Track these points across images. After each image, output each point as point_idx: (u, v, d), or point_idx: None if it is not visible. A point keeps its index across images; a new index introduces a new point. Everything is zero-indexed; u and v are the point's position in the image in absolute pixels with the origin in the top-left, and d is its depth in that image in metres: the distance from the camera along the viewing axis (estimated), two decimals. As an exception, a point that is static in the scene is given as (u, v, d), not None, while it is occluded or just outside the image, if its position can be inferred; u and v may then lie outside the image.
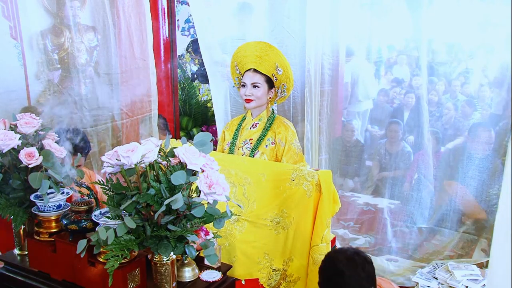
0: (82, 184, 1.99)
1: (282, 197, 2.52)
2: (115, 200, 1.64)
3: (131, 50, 4.00)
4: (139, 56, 4.02)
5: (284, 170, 2.53)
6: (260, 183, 2.57)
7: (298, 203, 2.49)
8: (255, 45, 2.71)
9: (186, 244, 1.66)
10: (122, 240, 1.57)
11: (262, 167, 2.61)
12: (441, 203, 3.67)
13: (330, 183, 2.46)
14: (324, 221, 2.45)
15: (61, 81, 3.71)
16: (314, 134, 3.69)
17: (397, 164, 4.13)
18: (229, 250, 2.60)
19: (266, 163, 2.66)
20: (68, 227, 1.85)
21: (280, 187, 2.52)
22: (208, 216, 1.65)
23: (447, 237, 3.62)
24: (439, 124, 3.93)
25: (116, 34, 3.91)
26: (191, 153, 1.60)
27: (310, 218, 2.48)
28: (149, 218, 1.61)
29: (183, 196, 1.54)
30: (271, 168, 2.60)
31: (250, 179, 2.59)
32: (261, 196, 2.57)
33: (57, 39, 3.69)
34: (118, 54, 3.97)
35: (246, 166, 2.61)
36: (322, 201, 2.44)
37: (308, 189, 2.45)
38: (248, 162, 2.64)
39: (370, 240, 3.86)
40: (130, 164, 1.54)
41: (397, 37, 3.99)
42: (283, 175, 2.51)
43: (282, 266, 2.57)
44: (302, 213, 2.49)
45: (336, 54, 3.67)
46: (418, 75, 4.04)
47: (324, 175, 2.44)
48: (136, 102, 3.96)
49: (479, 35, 3.41)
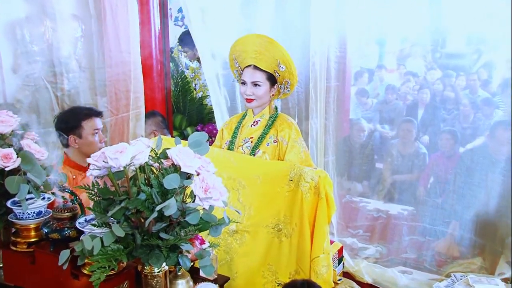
0: (66, 189, 1.99)
1: (281, 201, 2.51)
2: (102, 206, 1.63)
3: (117, 42, 4.00)
4: (125, 49, 4.01)
5: (282, 169, 2.52)
6: (255, 186, 2.56)
7: (299, 208, 2.48)
8: (255, 39, 2.71)
9: (179, 254, 1.66)
10: (110, 250, 1.56)
11: (256, 166, 2.61)
12: (460, 209, 3.66)
13: (331, 188, 2.45)
14: (324, 229, 2.45)
15: (41, 75, 3.70)
16: (319, 134, 3.69)
17: (411, 166, 4.12)
18: (230, 266, 2.60)
19: (259, 162, 2.66)
20: (49, 236, 1.85)
21: (278, 188, 2.51)
22: (204, 223, 1.64)
23: (467, 247, 3.61)
24: (457, 123, 3.92)
25: (101, 24, 3.91)
26: (185, 155, 1.60)
27: (308, 225, 2.47)
28: (139, 225, 1.61)
29: (176, 201, 1.54)
30: (267, 167, 2.60)
31: (244, 182, 2.58)
32: (258, 201, 2.57)
33: (37, 28, 3.68)
34: (102, 46, 3.96)
35: (238, 168, 2.60)
36: (321, 207, 2.43)
37: (305, 191, 2.44)
38: (239, 162, 2.63)
39: (382, 250, 3.85)
40: (119, 166, 1.54)
41: (411, 27, 3.98)
42: (280, 175, 2.50)
43: (288, 279, 2.56)
44: (303, 219, 2.48)
45: (343, 46, 3.67)
46: (434, 68, 4.04)
47: (325, 179, 2.43)
48: (121, 99, 3.96)
49: (504, 24, 3.38)
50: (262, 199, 2.56)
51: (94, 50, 3.95)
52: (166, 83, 4.43)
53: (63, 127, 3.03)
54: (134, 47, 4.02)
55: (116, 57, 4.00)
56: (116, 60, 4.02)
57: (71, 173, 3.00)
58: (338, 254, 2.83)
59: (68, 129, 3.01)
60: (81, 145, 3.03)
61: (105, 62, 4.01)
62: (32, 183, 1.94)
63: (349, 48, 3.72)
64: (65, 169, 3.00)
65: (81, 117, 3.04)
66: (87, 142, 3.02)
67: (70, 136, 3.01)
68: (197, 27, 3.75)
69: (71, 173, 3.01)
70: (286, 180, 2.48)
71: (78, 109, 3.21)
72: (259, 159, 2.68)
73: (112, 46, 3.99)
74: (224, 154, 2.72)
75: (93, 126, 3.04)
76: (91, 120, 3.05)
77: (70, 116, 3.08)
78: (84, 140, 3.02)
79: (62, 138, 3.01)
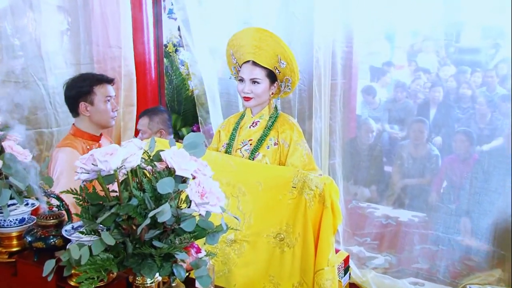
0: (51, 194, 1.98)
1: (283, 209, 2.51)
2: (91, 212, 1.63)
3: (106, 36, 4.00)
4: (114, 43, 4.02)
5: (284, 175, 2.51)
6: (256, 193, 2.55)
7: (303, 216, 2.47)
8: (253, 33, 2.71)
9: (174, 264, 1.66)
10: (99, 260, 1.56)
11: (257, 172, 2.60)
12: (477, 217, 3.65)
13: (337, 196, 2.45)
14: (330, 240, 2.45)
15: (24, 72, 3.70)
16: (323, 135, 3.70)
17: (422, 170, 4.12)
18: (228, 278, 2.59)
19: (261, 167, 2.65)
20: (33, 245, 1.85)
21: (280, 196, 2.50)
22: (200, 231, 1.64)
23: (484, 257, 3.61)
24: (473, 123, 3.91)
25: (88, 16, 3.91)
26: (180, 157, 1.60)
27: (312, 235, 2.46)
28: (130, 233, 1.61)
29: (170, 207, 1.53)
30: (268, 173, 2.59)
31: (244, 189, 2.57)
32: (259, 209, 2.56)
33: (19, 20, 3.68)
34: (90, 41, 3.97)
35: (238, 173, 2.60)
36: (326, 216, 2.42)
37: (309, 199, 2.43)
38: (239, 166, 2.63)
39: (391, 259, 3.85)
40: (109, 170, 1.53)
41: (423, 19, 3.97)
42: (283, 182, 2.50)
43: None
44: (306, 228, 2.48)
45: (350, 41, 3.67)
46: (447, 64, 4.03)
47: (330, 186, 2.42)
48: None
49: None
50: (263, 207, 2.55)
51: (81, 44, 3.95)
52: (160, 80, 4.43)
53: (73, 94, 3.06)
54: (126, 42, 4.02)
55: (105, 52, 4.01)
56: (105, 56, 4.03)
57: (84, 144, 3.04)
58: (344, 264, 2.82)
59: (79, 96, 3.05)
60: (93, 112, 3.06)
61: (93, 58, 4.01)
62: (14, 188, 1.93)
63: (356, 42, 3.72)
64: (77, 141, 3.03)
65: (93, 82, 3.07)
66: (100, 110, 3.07)
67: (81, 103, 3.04)
68: (194, 20, 3.75)
69: (84, 144, 3.04)
70: (289, 187, 2.47)
71: (89, 75, 3.23)
72: (261, 164, 2.67)
73: (100, 40, 3.99)
74: (222, 157, 2.71)
75: (106, 92, 3.08)
76: (103, 86, 3.09)
77: (81, 82, 3.09)
78: (96, 107, 3.06)
79: (73, 105, 3.06)
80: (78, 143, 3.02)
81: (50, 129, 3.85)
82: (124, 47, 4.02)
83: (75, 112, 3.09)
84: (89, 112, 3.05)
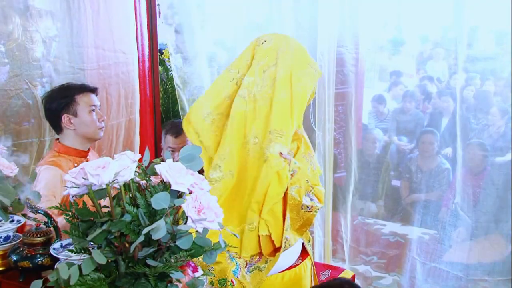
0: (38, 210, 1.98)
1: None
2: (81, 229, 1.63)
3: (111, 40, 4.02)
4: (119, 48, 4.04)
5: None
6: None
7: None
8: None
9: (169, 284, 1.65)
10: (89, 279, 1.56)
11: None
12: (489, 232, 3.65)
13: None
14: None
15: (9, 80, 3.71)
16: (328, 147, 3.70)
17: (432, 184, 4.12)
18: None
19: None
20: (18, 264, 1.85)
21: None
22: (197, 248, 1.64)
23: (498, 277, 3.60)
24: (486, 134, 3.92)
25: (91, 19, 3.93)
26: (176, 170, 1.60)
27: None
28: (123, 251, 1.61)
29: (166, 223, 1.53)
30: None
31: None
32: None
33: (4, 26, 3.70)
34: (81, 46, 3.98)
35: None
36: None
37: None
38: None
39: (399, 279, 3.85)
40: (101, 184, 1.53)
41: (432, 25, 4.00)
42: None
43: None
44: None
45: (356, 47, 3.69)
46: (458, 72, 4.05)
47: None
48: (112, 104, 3.97)
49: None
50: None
51: (73, 50, 3.96)
52: (154, 88, 4.43)
53: (54, 107, 2.94)
54: (125, 47, 4.04)
55: (109, 57, 4.03)
56: (109, 61, 4.04)
57: (69, 162, 2.92)
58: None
59: (61, 108, 2.93)
60: (78, 125, 2.94)
61: (84, 64, 4.02)
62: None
63: (362, 49, 3.74)
64: (63, 159, 2.93)
65: (74, 92, 2.98)
66: (85, 121, 2.95)
67: (64, 116, 2.92)
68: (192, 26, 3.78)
69: (70, 162, 2.93)
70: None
71: (69, 84, 3.12)
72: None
73: (101, 43, 4.01)
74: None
75: (89, 101, 2.98)
76: (85, 95, 2.98)
77: (61, 92, 3.00)
78: (81, 118, 2.94)
79: (55, 120, 2.97)
80: (63, 161, 2.92)
81: (42, 138, 3.84)
82: (126, 53, 4.04)
83: (58, 127, 2.99)
84: (74, 125, 2.94)
